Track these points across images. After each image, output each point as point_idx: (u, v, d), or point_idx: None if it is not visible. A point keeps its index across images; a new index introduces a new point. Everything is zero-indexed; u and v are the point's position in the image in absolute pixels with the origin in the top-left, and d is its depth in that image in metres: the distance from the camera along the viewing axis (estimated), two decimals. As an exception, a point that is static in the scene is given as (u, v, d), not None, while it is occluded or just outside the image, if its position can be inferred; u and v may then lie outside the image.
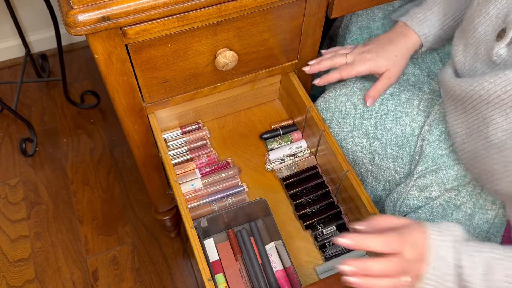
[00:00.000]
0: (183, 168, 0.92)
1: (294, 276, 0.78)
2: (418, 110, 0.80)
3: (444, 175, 0.74)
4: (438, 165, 0.74)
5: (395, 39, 0.81)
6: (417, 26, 0.79)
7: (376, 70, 0.80)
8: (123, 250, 1.35)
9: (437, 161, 0.75)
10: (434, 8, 0.79)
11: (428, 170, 0.74)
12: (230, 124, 1.02)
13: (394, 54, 0.80)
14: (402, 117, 0.80)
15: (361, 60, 0.81)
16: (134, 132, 0.87)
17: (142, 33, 0.68)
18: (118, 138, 1.57)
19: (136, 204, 1.43)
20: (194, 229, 0.74)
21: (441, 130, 0.76)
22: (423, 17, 0.79)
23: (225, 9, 0.70)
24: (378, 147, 0.82)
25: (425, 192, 0.75)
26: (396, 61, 0.80)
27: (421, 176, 0.75)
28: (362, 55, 0.81)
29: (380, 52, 0.80)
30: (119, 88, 0.77)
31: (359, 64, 0.81)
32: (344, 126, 0.85)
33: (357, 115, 0.84)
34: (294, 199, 0.89)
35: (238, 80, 0.88)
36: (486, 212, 0.73)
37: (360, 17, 0.96)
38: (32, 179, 1.47)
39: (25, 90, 1.68)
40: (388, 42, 0.81)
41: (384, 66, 0.80)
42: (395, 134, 0.80)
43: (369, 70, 0.81)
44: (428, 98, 0.81)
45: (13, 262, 1.32)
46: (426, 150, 0.76)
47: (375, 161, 0.83)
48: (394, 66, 0.80)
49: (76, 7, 0.62)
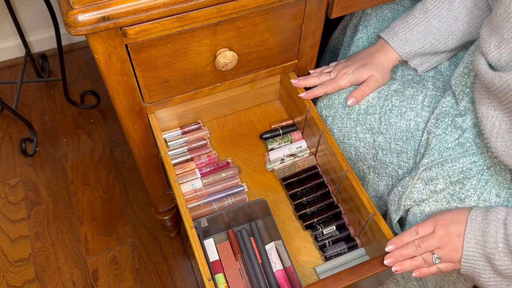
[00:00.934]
0: (183, 168, 0.92)
1: (294, 276, 0.78)
2: (422, 105, 0.81)
3: (450, 168, 0.74)
4: (444, 158, 0.75)
5: (375, 54, 0.86)
6: (398, 46, 0.84)
7: (358, 81, 0.85)
8: (123, 250, 1.35)
9: (443, 154, 0.75)
10: (414, 28, 0.82)
11: (434, 162, 0.75)
12: (230, 124, 1.02)
13: (375, 65, 0.85)
14: (407, 112, 0.81)
15: (343, 75, 0.85)
16: (134, 132, 0.87)
17: (142, 33, 0.68)
18: (118, 138, 1.57)
19: (136, 204, 1.43)
20: (194, 229, 0.74)
21: (447, 123, 0.76)
22: (403, 37, 0.83)
23: (225, 9, 0.70)
24: (382, 142, 0.82)
25: (430, 185, 0.75)
26: (378, 69, 0.84)
27: (426, 168, 0.75)
28: (343, 70, 0.86)
29: (360, 65, 0.85)
30: (119, 88, 0.77)
31: (341, 79, 0.85)
32: (348, 122, 0.86)
33: (361, 110, 0.84)
34: (294, 199, 0.89)
35: (238, 80, 0.88)
36: (490, 206, 0.73)
37: (369, 15, 0.96)
38: (32, 179, 1.47)
39: (25, 90, 1.68)
40: (367, 56, 0.86)
41: (366, 74, 0.84)
42: (400, 128, 0.81)
43: (351, 83, 0.85)
44: (432, 95, 0.81)
45: (13, 262, 1.32)
46: (432, 143, 0.76)
47: (378, 156, 0.83)
48: (377, 72, 0.84)
49: (76, 7, 0.62)
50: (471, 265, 0.67)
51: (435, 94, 0.82)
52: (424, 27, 0.81)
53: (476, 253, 0.66)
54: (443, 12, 0.80)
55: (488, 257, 0.65)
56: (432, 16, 0.81)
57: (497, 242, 0.64)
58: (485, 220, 0.67)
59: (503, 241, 0.64)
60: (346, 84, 0.85)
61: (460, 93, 0.77)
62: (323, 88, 0.86)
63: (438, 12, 0.80)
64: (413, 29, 0.82)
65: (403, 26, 0.83)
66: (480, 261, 0.66)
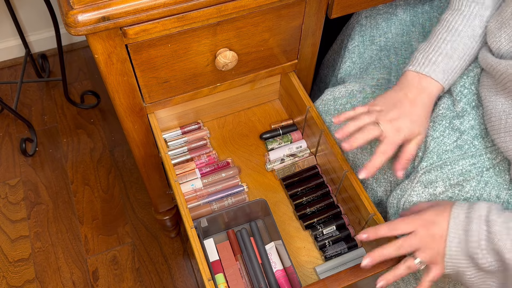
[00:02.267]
0: (183, 168, 0.92)
1: (294, 276, 0.78)
2: None
3: (449, 170, 0.74)
4: (443, 161, 0.74)
5: (417, 98, 0.74)
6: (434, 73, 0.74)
7: (411, 137, 0.74)
8: (123, 250, 1.35)
9: (442, 156, 0.75)
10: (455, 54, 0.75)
11: (433, 165, 0.75)
12: (230, 124, 1.02)
13: (425, 118, 0.74)
14: None
15: (394, 129, 0.72)
16: (134, 132, 0.87)
17: (142, 33, 0.68)
18: (118, 138, 1.57)
19: (136, 204, 1.43)
20: (194, 229, 0.74)
21: (444, 126, 0.76)
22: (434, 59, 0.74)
23: (225, 9, 0.70)
24: None
25: (429, 188, 0.75)
26: (427, 124, 0.76)
27: (426, 172, 0.75)
28: (393, 123, 0.72)
29: (412, 117, 0.73)
30: (119, 88, 0.77)
31: (393, 134, 0.72)
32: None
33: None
34: (294, 199, 0.89)
35: (238, 80, 0.88)
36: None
37: (364, 27, 0.96)
38: (32, 179, 1.47)
39: (25, 90, 1.68)
40: (413, 104, 0.74)
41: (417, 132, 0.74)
42: None
43: (405, 139, 0.73)
44: None
45: (13, 262, 1.32)
46: (431, 146, 0.76)
47: None
48: (425, 130, 0.75)
49: (76, 7, 0.62)
50: (455, 264, 0.66)
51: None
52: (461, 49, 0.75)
53: (459, 251, 0.66)
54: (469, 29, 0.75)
55: (472, 255, 0.65)
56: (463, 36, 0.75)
57: (480, 240, 0.64)
58: (467, 217, 0.65)
59: (486, 239, 0.63)
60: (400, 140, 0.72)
61: (458, 94, 0.77)
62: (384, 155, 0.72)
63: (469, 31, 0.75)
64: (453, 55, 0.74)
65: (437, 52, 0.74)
66: (464, 259, 0.65)
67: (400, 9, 0.96)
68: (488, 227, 0.63)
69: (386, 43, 0.95)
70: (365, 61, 0.95)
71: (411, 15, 0.96)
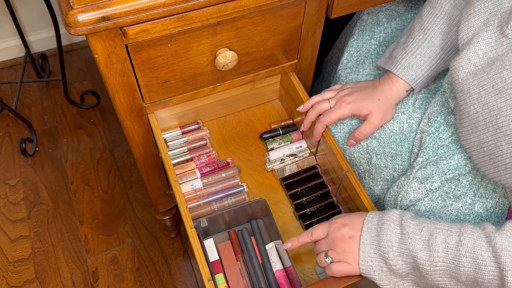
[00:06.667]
0: (183, 168, 0.92)
1: (294, 276, 0.78)
2: (413, 108, 0.81)
3: (445, 165, 0.74)
4: (438, 156, 0.75)
5: (380, 85, 0.81)
6: (404, 73, 0.79)
7: (358, 112, 0.81)
8: (123, 250, 1.35)
9: (437, 151, 0.76)
10: (417, 51, 0.79)
11: (429, 161, 0.75)
12: (230, 124, 1.02)
13: (377, 98, 0.80)
14: (399, 116, 0.81)
15: (342, 103, 0.82)
16: (134, 132, 0.87)
17: (142, 33, 0.68)
18: (118, 138, 1.57)
19: (136, 204, 1.43)
20: (194, 229, 0.74)
21: (439, 122, 0.77)
22: (407, 63, 0.79)
23: (225, 9, 0.70)
24: (375, 147, 0.82)
25: (425, 183, 0.75)
26: (380, 105, 0.80)
27: (421, 167, 0.75)
28: (343, 98, 0.82)
29: (362, 95, 0.81)
30: (119, 88, 0.77)
31: (340, 107, 0.81)
32: (341, 128, 0.86)
33: (354, 117, 0.84)
34: (294, 199, 0.89)
35: (238, 80, 0.88)
36: (487, 201, 0.73)
37: (365, 21, 0.96)
38: (32, 179, 1.47)
39: (25, 90, 1.68)
40: (372, 87, 0.82)
41: (365, 108, 0.80)
42: (393, 132, 0.81)
43: (351, 113, 0.81)
44: (423, 97, 0.82)
45: (13, 262, 1.32)
46: (426, 142, 0.76)
47: (373, 161, 0.83)
48: (377, 109, 0.80)
49: (76, 7, 0.62)
50: (368, 265, 0.67)
51: (425, 96, 0.82)
52: (427, 48, 0.78)
53: (372, 253, 0.67)
54: (443, 28, 0.77)
55: (384, 256, 0.66)
56: (433, 35, 0.78)
57: (391, 241, 0.65)
58: (380, 221, 0.68)
59: (398, 241, 0.65)
60: (345, 113, 0.81)
61: (452, 90, 0.77)
62: (322, 124, 0.84)
63: (438, 29, 0.77)
64: (416, 52, 0.78)
65: (405, 51, 0.79)
66: (377, 261, 0.67)
67: (402, 6, 0.96)
68: (402, 229, 0.65)
69: (385, 38, 0.95)
70: (362, 54, 0.95)
71: (413, 13, 0.96)
